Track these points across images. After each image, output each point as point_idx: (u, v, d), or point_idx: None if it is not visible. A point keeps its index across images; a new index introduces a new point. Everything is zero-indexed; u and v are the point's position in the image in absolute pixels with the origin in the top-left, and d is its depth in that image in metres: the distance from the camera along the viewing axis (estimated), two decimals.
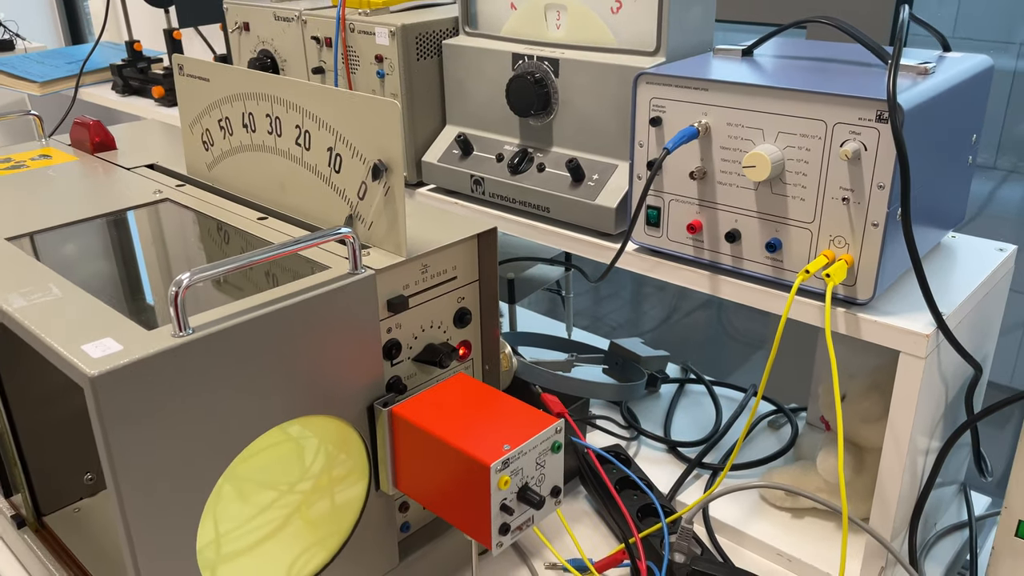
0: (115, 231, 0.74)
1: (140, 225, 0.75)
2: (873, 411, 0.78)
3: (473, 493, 0.60)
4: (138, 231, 0.74)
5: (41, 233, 0.71)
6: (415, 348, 0.70)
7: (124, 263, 0.69)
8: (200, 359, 0.53)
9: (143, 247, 0.72)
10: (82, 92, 1.71)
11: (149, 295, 0.65)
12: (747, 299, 0.74)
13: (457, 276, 0.72)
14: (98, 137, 0.91)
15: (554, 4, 0.86)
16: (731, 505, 0.86)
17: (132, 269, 0.68)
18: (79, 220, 0.74)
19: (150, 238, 0.73)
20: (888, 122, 0.61)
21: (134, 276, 0.67)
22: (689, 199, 0.74)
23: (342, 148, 0.67)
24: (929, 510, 0.77)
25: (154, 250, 0.71)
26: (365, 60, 0.97)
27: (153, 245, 0.72)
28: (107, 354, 0.50)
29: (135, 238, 0.73)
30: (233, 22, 1.13)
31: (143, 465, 0.52)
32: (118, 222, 0.75)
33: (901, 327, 0.65)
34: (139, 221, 0.75)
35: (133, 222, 0.75)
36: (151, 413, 0.51)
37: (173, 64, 0.79)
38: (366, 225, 0.67)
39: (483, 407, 0.65)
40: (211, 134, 0.79)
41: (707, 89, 0.70)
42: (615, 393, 0.97)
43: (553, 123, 0.87)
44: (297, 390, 0.60)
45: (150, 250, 0.71)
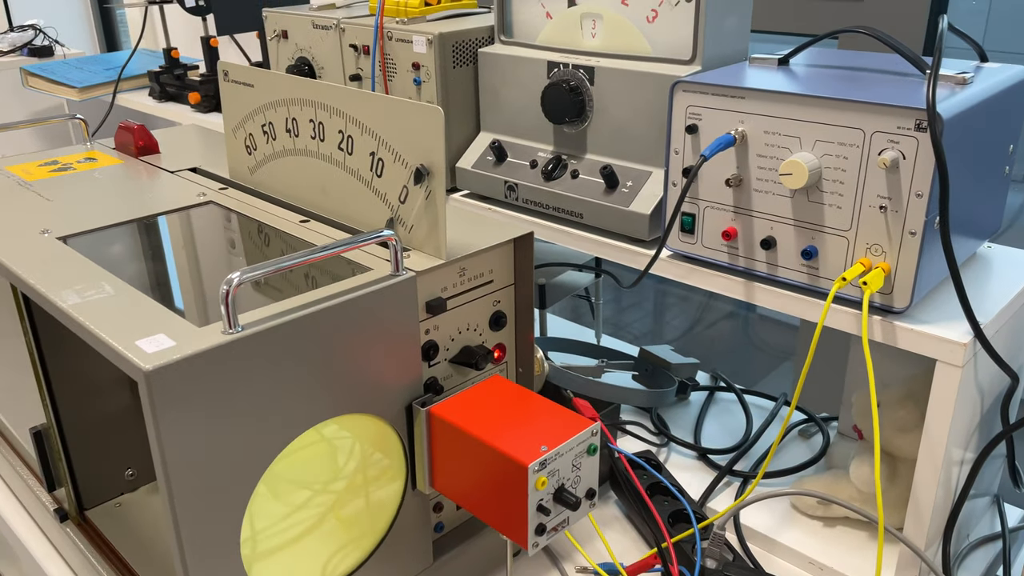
0: (161, 232, 0.76)
1: (185, 226, 0.77)
2: (908, 420, 0.78)
3: (510, 493, 0.60)
4: (183, 232, 0.76)
5: (91, 233, 0.73)
6: (452, 350, 0.71)
7: (170, 263, 0.70)
8: (249, 356, 0.54)
9: (188, 248, 0.73)
10: (119, 98, 1.75)
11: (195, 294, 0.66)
12: (782, 306, 0.74)
13: (493, 280, 0.73)
14: (142, 141, 0.93)
15: (590, 13, 0.88)
16: (762, 512, 0.86)
17: (178, 268, 0.70)
18: (127, 221, 0.75)
19: (195, 239, 0.75)
20: (927, 131, 0.61)
21: (180, 275, 0.69)
22: (724, 206, 0.75)
23: (384, 153, 0.68)
24: (962, 521, 0.77)
25: (198, 251, 0.73)
26: (402, 67, 0.99)
27: (197, 246, 0.74)
28: (160, 349, 0.51)
29: (180, 238, 0.75)
30: (272, 30, 1.15)
31: (192, 458, 0.53)
32: (164, 223, 0.77)
33: (938, 336, 0.65)
34: (184, 222, 0.77)
35: (178, 223, 0.77)
36: (201, 407, 0.53)
37: (218, 70, 0.81)
38: (406, 228, 0.69)
39: (519, 408, 0.65)
40: (254, 138, 0.81)
41: (744, 97, 0.71)
42: (646, 399, 0.98)
43: (587, 130, 0.88)
44: (339, 388, 0.61)
45: (194, 251, 0.73)
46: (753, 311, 2.64)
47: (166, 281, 0.67)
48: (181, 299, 0.63)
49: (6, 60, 2.02)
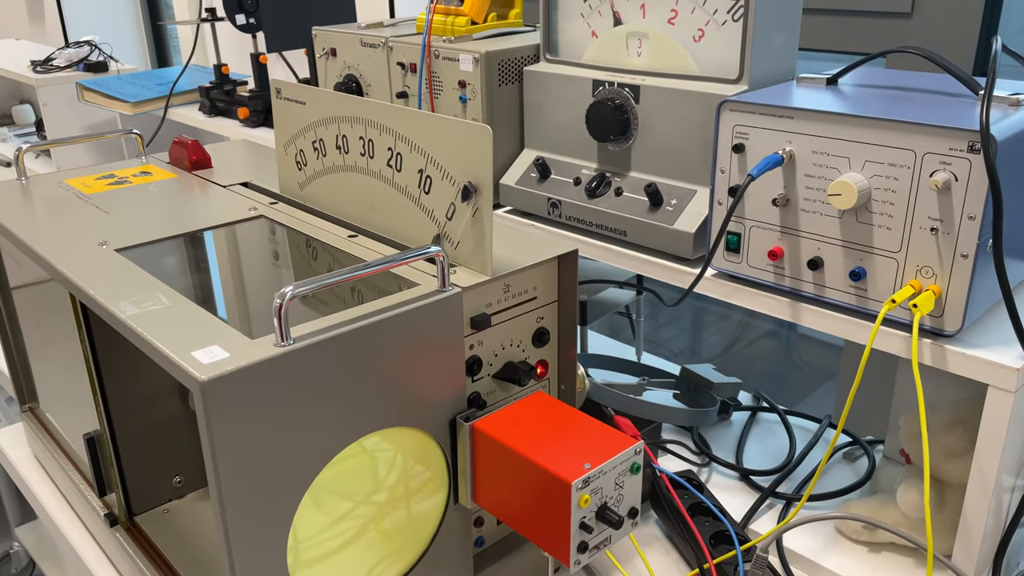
0: (214, 245, 0.77)
1: (236, 240, 0.78)
2: (957, 446, 0.76)
3: (553, 510, 0.61)
4: (235, 246, 0.78)
5: (147, 245, 0.75)
6: (495, 365, 0.71)
7: (224, 275, 0.72)
8: (300, 368, 0.55)
9: (239, 261, 0.75)
10: (170, 112, 1.80)
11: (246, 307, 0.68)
12: (829, 328, 0.73)
13: (537, 296, 0.73)
14: (196, 156, 0.96)
15: (636, 32, 0.88)
16: (806, 536, 0.85)
17: (230, 281, 0.71)
18: (181, 234, 0.77)
19: (246, 253, 0.76)
20: (980, 153, 0.61)
21: (232, 288, 0.70)
22: (771, 226, 0.74)
23: (432, 170, 0.69)
24: (1013, 549, 0.75)
25: (249, 264, 0.74)
26: (448, 85, 1.00)
27: (248, 259, 0.75)
28: (215, 360, 0.53)
29: (233, 252, 0.77)
30: (321, 48, 1.18)
31: (243, 466, 0.54)
32: (216, 236, 0.79)
33: (990, 360, 0.64)
34: (235, 236, 0.79)
35: (230, 237, 0.79)
36: (253, 417, 0.54)
37: (271, 87, 0.83)
38: (453, 244, 0.69)
39: (563, 425, 0.66)
40: (305, 154, 0.83)
41: (792, 117, 0.70)
42: (687, 418, 0.97)
43: (632, 148, 0.88)
44: (386, 401, 0.62)
45: (245, 264, 0.75)
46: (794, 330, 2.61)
47: (218, 294, 0.68)
48: (233, 312, 0.65)
49: (63, 75, 2.08)
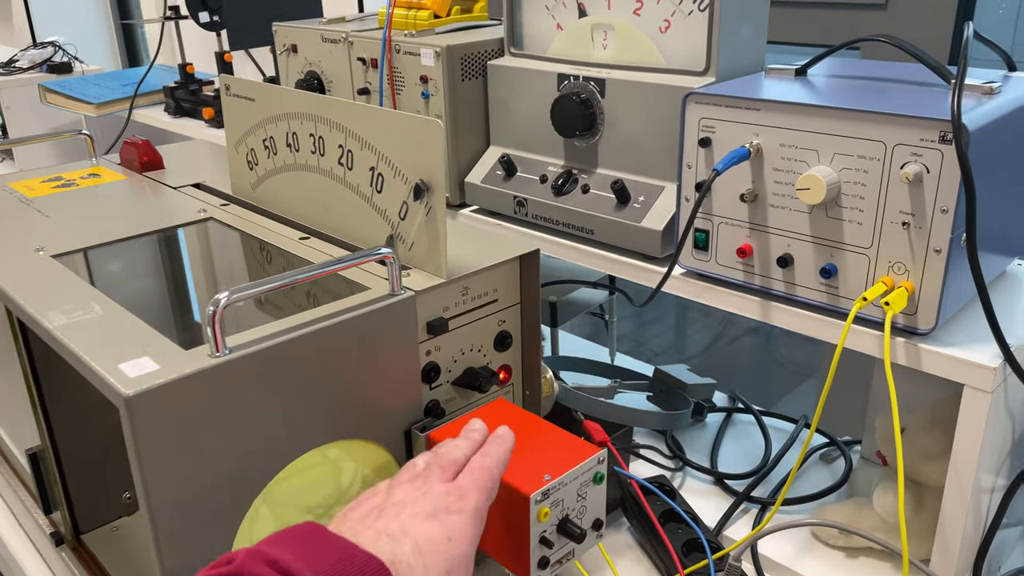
0: (159, 249, 0.74)
1: (184, 244, 0.75)
2: (934, 447, 0.74)
3: (512, 524, 0.58)
4: (182, 249, 0.74)
5: (86, 251, 0.71)
6: (454, 372, 0.69)
7: (167, 281, 0.69)
8: (237, 380, 0.52)
9: (186, 265, 0.72)
10: (136, 113, 1.75)
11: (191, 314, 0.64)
12: (800, 327, 0.71)
13: (498, 299, 0.70)
14: (146, 156, 0.92)
15: (601, 24, 0.85)
16: (781, 542, 0.82)
17: (174, 287, 0.68)
18: (124, 238, 0.74)
19: (193, 257, 0.73)
20: (952, 143, 0.58)
21: (176, 294, 0.67)
22: (739, 222, 0.72)
23: (384, 168, 0.66)
24: (993, 552, 0.73)
25: (197, 269, 0.71)
26: (410, 81, 0.97)
27: (196, 264, 0.72)
28: (143, 373, 0.50)
29: (178, 256, 0.73)
30: (281, 44, 1.14)
31: (177, 486, 0.51)
32: (163, 240, 0.75)
33: (966, 359, 0.62)
34: (183, 240, 0.75)
35: (177, 240, 0.75)
36: (187, 434, 0.51)
37: (220, 84, 0.80)
38: (407, 246, 0.66)
39: (523, 434, 0.63)
40: (256, 154, 0.79)
41: (759, 109, 0.68)
42: (660, 422, 0.95)
43: (598, 144, 0.86)
44: (334, 413, 0.58)
45: (193, 269, 0.71)
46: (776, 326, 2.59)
47: (159, 301, 0.65)
48: (172, 320, 0.62)
49: (25, 77, 2.03)
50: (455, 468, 0.53)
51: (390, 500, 0.50)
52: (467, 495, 0.51)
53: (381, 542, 0.46)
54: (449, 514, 0.49)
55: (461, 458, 0.54)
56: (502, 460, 0.55)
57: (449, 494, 0.50)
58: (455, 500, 0.50)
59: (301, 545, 0.44)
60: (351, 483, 0.65)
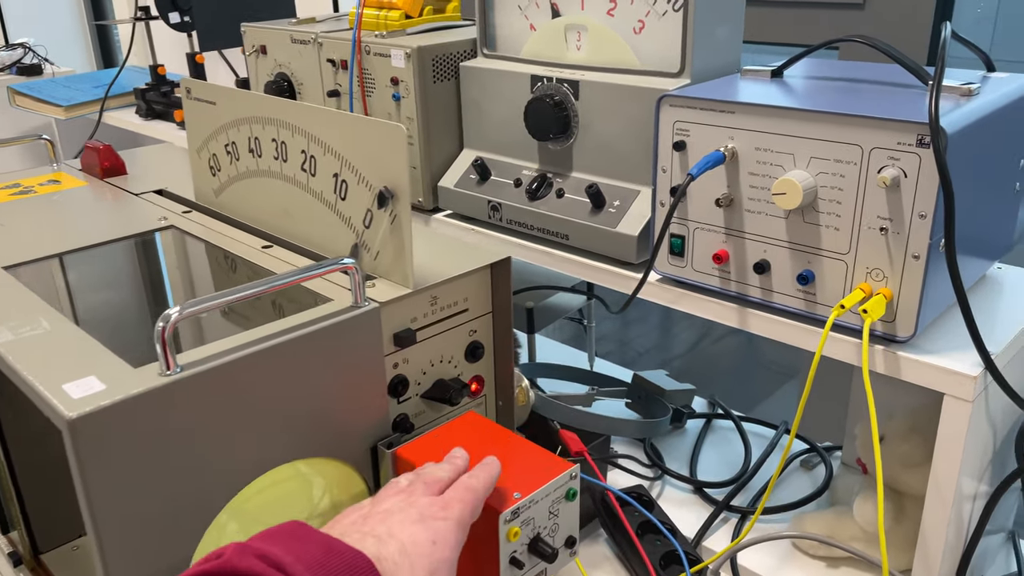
0: (117, 259, 0.71)
1: (143, 253, 0.72)
2: (914, 455, 0.72)
3: (481, 545, 0.56)
4: (140, 260, 0.72)
5: (39, 262, 0.68)
6: (424, 384, 0.66)
7: (124, 293, 0.66)
8: (189, 399, 0.50)
9: (144, 277, 0.69)
10: (107, 116, 1.72)
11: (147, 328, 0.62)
12: (777, 334, 0.69)
13: (469, 308, 0.68)
14: (108, 162, 0.89)
15: (574, 24, 0.83)
16: (761, 553, 0.81)
17: (130, 300, 0.65)
18: (80, 248, 0.71)
19: (153, 267, 0.70)
20: (930, 147, 0.57)
21: (133, 307, 0.65)
22: (715, 227, 0.70)
23: (348, 174, 0.64)
24: (976, 560, 0.72)
25: (155, 280, 0.69)
26: (381, 83, 0.95)
27: (155, 274, 0.69)
28: (88, 394, 0.47)
29: (137, 267, 0.71)
30: (250, 45, 1.12)
31: (126, 511, 0.48)
32: (121, 250, 0.72)
33: (946, 367, 0.60)
34: (142, 249, 0.73)
35: (136, 250, 0.73)
36: (136, 457, 0.48)
37: (181, 87, 0.77)
38: (372, 255, 0.64)
39: (493, 449, 0.61)
40: (218, 159, 0.77)
41: (734, 112, 0.66)
42: (638, 430, 0.93)
43: (573, 147, 0.84)
44: (295, 431, 0.56)
45: (151, 280, 0.69)
46: None
47: (114, 315, 0.62)
48: (125, 336, 0.59)
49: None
50: (440, 486, 0.54)
51: (376, 509, 0.51)
52: (451, 506, 0.52)
53: (367, 541, 0.47)
54: (435, 520, 0.50)
55: (445, 478, 0.55)
56: (488, 484, 0.55)
57: (434, 504, 0.51)
58: (439, 509, 0.51)
59: (289, 540, 0.45)
60: (322, 497, 0.63)
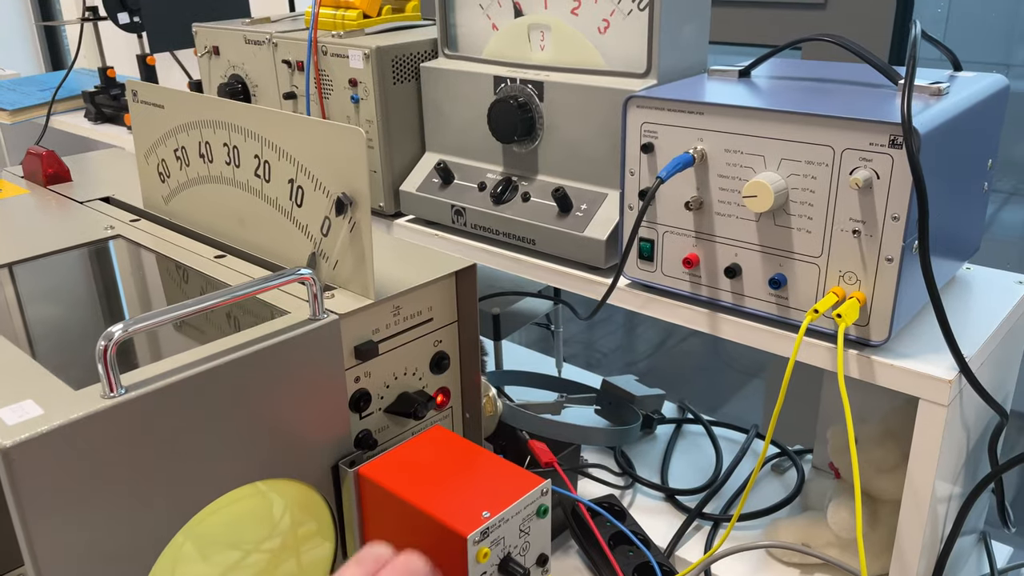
0: (60, 272, 0.68)
1: (86, 266, 0.69)
2: (888, 460, 0.72)
3: (449, 566, 0.53)
4: (83, 273, 0.68)
5: None
6: (387, 398, 0.64)
7: (65, 309, 0.62)
8: (136, 421, 0.47)
9: (88, 291, 0.66)
10: (55, 120, 1.66)
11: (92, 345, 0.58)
12: (750, 339, 0.68)
13: (433, 318, 0.66)
14: (51, 168, 0.85)
15: (538, 24, 0.81)
16: (735, 560, 0.79)
17: (74, 315, 0.62)
18: (19, 260, 0.67)
19: (96, 280, 0.67)
20: (903, 147, 0.55)
21: (76, 323, 0.61)
22: (685, 231, 0.68)
23: (304, 180, 0.61)
24: (950, 563, 0.71)
25: (100, 294, 0.65)
26: (339, 84, 0.92)
27: (100, 288, 0.66)
28: (25, 420, 0.44)
29: (82, 280, 0.67)
30: (202, 46, 1.08)
31: (68, 543, 0.45)
32: (64, 262, 0.69)
33: (921, 372, 0.59)
34: (86, 261, 0.69)
35: (79, 262, 0.69)
36: (77, 485, 0.45)
37: (127, 90, 0.74)
38: (331, 264, 0.61)
39: (461, 466, 0.58)
40: (167, 165, 0.73)
41: (702, 113, 0.64)
42: (608, 438, 0.91)
43: (538, 150, 0.82)
44: (251, 452, 0.53)
45: (95, 294, 0.65)
46: None
47: (55, 332, 0.59)
48: (67, 355, 0.56)
49: None
50: None
51: None
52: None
53: None
54: None
55: None
56: None
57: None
58: None
59: None
60: (283, 516, 0.60)
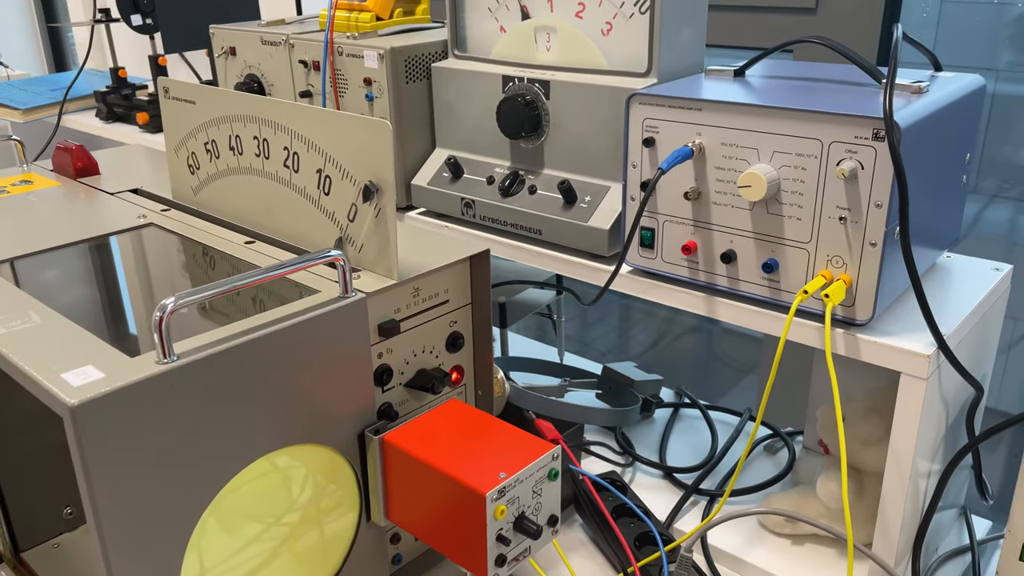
0: (98, 257, 0.72)
1: (124, 250, 0.73)
2: (873, 434, 0.77)
3: (468, 523, 0.58)
4: (122, 257, 0.72)
5: (21, 259, 0.69)
6: (407, 374, 0.68)
7: (107, 289, 0.67)
8: (185, 387, 0.51)
9: (127, 273, 0.70)
10: (66, 119, 1.70)
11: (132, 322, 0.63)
12: (744, 321, 0.73)
13: (449, 300, 0.70)
14: (81, 162, 0.89)
15: (544, 26, 0.86)
16: (730, 532, 0.84)
17: (115, 295, 0.66)
18: (61, 246, 0.72)
19: (134, 264, 0.71)
20: (885, 140, 0.60)
21: (117, 303, 0.65)
22: (684, 220, 0.73)
23: (332, 170, 0.66)
24: (931, 534, 0.76)
25: (138, 276, 0.69)
26: (353, 83, 0.96)
27: (137, 271, 0.70)
28: (88, 382, 0.48)
29: (119, 264, 0.72)
30: (219, 47, 1.12)
31: (125, 497, 0.50)
32: (101, 247, 0.73)
33: (902, 348, 0.64)
34: (123, 246, 0.74)
35: (117, 247, 0.73)
36: (134, 443, 0.49)
37: (158, 87, 0.78)
38: (356, 248, 0.66)
39: (477, 434, 0.63)
40: (197, 157, 0.78)
41: (700, 109, 0.69)
42: (609, 418, 0.96)
43: (544, 145, 0.86)
44: (286, 418, 0.58)
45: (134, 276, 0.69)
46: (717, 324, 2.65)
47: (101, 309, 0.63)
48: (115, 328, 0.60)
49: None
50: None
51: None
52: None
53: None
54: None
55: None
56: None
57: None
58: None
59: None
60: (301, 491, 0.64)
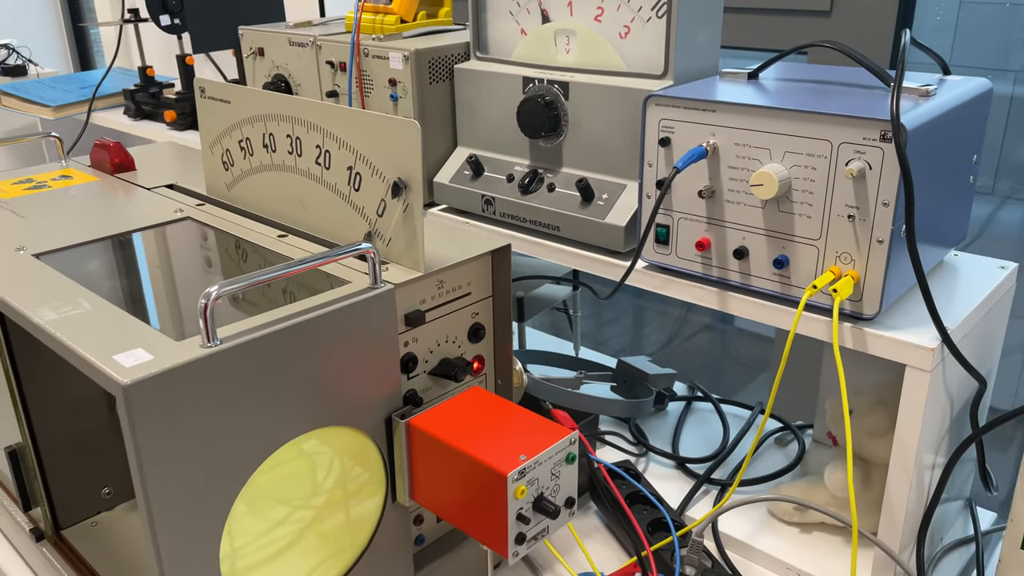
0: (138, 248, 0.76)
1: (162, 242, 0.77)
2: (880, 426, 0.79)
3: (490, 503, 0.61)
4: (160, 248, 0.76)
5: (68, 250, 0.72)
6: (431, 362, 0.71)
7: (148, 279, 0.70)
8: (228, 369, 0.54)
9: (165, 264, 0.73)
10: (94, 116, 1.74)
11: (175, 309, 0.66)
12: (755, 315, 0.75)
13: (471, 292, 0.73)
14: (118, 158, 0.93)
15: (563, 30, 0.89)
16: (740, 520, 0.87)
17: (157, 284, 0.70)
18: (103, 237, 0.75)
19: (172, 255, 0.75)
20: (892, 141, 0.63)
21: (158, 291, 0.69)
22: (698, 217, 0.76)
23: (362, 167, 0.69)
24: (936, 525, 0.78)
25: (176, 266, 0.73)
26: (379, 84, 1.00)
27: (175, 262, 0.74)
28: (139, 363, 0.52)
29: (157, 255, 0.75)
30: (248, 47, 1.16)
31: (171, 473, 0.53)
32: (142, 239, 0.77)
33: (907, 341, 0.67)
34: (161, 239, 0.77)
35: (155, 240, 0.77)
36: (180, 422, 0.53)
37: (195, 87, 0.82)
38: (384, 241, 0.69)
39: (498, 419, 0.66)
40: (231, 154, 0.81)
41: (715, 110, 0.72)
42: (624, 410, 0.99)
43: (563, 144, 0.89)
44: (319, 401, 0.61)
45: (172, 266, 0.73)
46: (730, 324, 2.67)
47: (144, 297, 0.67)
48: (159, 315, 0.64)
49: None
50: None
51: None
52: None
53: None
54: None
55: None
56: None
57: None
58: None
59: None
60: (327, 475, 0.67)
